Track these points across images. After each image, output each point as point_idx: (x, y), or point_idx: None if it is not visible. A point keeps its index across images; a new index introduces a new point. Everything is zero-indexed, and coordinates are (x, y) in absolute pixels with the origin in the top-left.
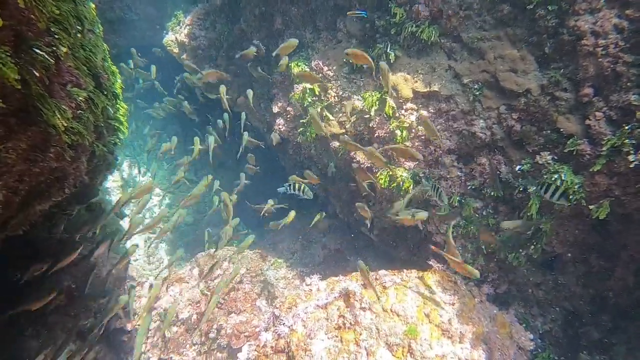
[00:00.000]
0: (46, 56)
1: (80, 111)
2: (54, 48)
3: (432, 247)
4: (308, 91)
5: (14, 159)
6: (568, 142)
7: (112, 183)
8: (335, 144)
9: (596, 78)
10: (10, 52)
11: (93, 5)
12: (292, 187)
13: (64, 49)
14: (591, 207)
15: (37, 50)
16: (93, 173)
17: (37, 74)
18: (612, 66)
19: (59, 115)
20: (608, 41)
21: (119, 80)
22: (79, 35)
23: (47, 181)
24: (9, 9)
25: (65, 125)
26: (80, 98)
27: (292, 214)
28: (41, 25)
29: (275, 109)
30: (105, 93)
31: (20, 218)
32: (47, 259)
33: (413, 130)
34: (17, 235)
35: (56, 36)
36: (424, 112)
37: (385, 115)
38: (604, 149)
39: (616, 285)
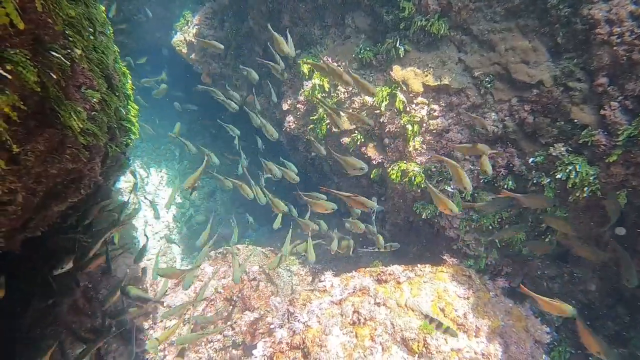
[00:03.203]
0: (62, 58)
1: (94, 112)
2: (69, 50)
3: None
4: (318, 87)
5: (32, 161)
6: (582, 133)
7: (125, 184)
8: (346, 139)
9: (611, 67)
10: (29, 55)
11: (103, 8)
12: None
13: (79, 51)
14: None
15: (54, 53)
16: (107, 174)
17: (54, 76)
18: (627, 54)
19: (74, 117)
20: (623, 29)
21: (130, 81)
22: (91, 37)
23: (64, 182)
24: (28, 13)
25: (81, 126)
26: (95, 99)
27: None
28: (58, 27)
29: (285, 107)
30: (117, 94)
31: (39, 219)
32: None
33: (424, 125)
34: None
35: (70, 39)
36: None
37: (395, 110)
38: (619, 139)
39: None
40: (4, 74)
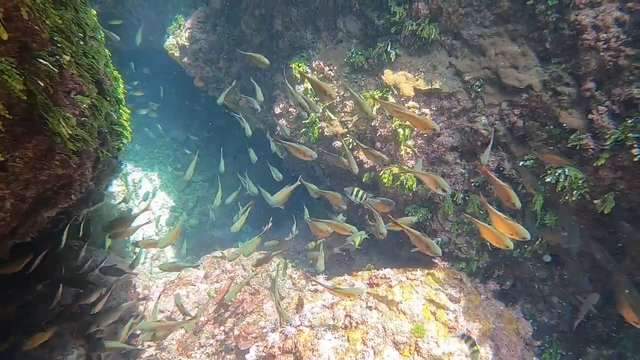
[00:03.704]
0: (50, 65)
1: (84, 118)
2: (58, 57)
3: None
4: (310, 92)
5: (20, 168)
6: (571, 137)
7: (117, 188)
8: (338, 143)
9: (598, 72)
10: (15, 63)
11: (94, 12)
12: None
13: (67, 57)
14: (596, 201)
15: (41, 60)
16: (98, 178)
17: (41, 84)
18: (613, 60)
19: (63, 123)
20: (609, 35)
21: (122, 86)
22: (81, 42)
23: (54, 188)
24: (14, 21)
25: (70, 132)
26: (84, 105)
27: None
28: (45, 35)
29: (277, 110)
30: (108, 99)
31: (28, 225)
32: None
33: (415, 129)
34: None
35: (59, 45)
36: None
37: (387, 114)
38: (607, 143)
39: None
40: None
